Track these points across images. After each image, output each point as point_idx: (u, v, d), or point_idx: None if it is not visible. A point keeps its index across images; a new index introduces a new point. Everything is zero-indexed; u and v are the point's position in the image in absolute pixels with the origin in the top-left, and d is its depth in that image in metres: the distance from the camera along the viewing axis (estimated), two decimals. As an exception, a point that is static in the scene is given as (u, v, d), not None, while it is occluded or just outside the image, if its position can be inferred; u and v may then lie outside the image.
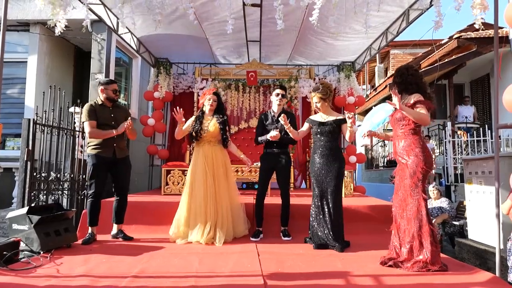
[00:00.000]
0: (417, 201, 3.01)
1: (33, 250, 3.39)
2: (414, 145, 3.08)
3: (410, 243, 3.01)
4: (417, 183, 3.02)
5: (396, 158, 3.25)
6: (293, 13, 5.08)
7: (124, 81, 8.87)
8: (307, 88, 7.05)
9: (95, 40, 7.42)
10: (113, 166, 4.02)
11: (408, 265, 2.97)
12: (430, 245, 2.94)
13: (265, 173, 4.29)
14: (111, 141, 3.95)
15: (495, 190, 3.03)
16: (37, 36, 7.67)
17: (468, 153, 7.71)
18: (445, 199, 5.68)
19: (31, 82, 7.57)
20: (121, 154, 4.05)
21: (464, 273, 2.97)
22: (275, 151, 4.20)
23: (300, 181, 7.71)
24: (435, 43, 9.16)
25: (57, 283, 2.63)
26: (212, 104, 4.21)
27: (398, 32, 5.67)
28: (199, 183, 4.05)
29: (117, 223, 4.12)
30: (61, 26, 3.77)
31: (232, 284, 2.67)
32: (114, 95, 4.04)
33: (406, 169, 3.09)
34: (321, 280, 2.78)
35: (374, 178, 12.85)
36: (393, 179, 4.65)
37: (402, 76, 3.24)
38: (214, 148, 4.19)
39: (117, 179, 4.10)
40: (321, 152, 3.83)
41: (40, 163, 5.23)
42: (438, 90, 10.44)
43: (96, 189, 3.90)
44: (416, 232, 2.98)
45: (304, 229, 4.08)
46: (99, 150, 3.93)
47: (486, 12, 3.12)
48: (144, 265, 3.07)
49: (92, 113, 3.90)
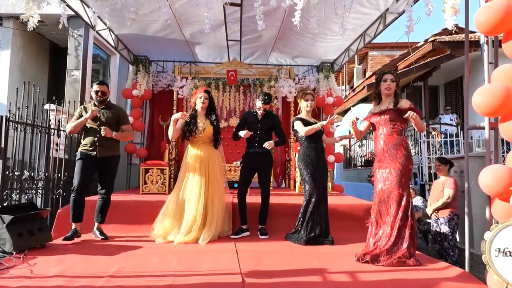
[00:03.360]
0: (407, 195, 3.20)
1: (5, 251, 3.30)
2: (405, 144, 3.30)
3: (395, 236, 3.16)
4: (407, 179, 3.23)
5: (382, 156, 3.33)
6: (273, 12, 5.12)
7: (102, 78, 8.71)
8: (287, 88, 7.11)
9: (71, 36, 7.25)
10: (98, 165, 4.02)
11: (386, 258, 3.10)
12: (410, 238, 3.14)
13: (247, 173, 4.33)
14: (92, 139, 3.96)
15: (466, 188, 3.14)
16: (10, 30, 7.44)
17: (442, 153, 7.94)
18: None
19: (3, 78, 7.33)
20: (105, 153, 4.00)
21: (437, 268, 3.08)
22: (257, 151, 4.23)
23: (280, 180, 7.76)
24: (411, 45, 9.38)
25: (30, 283, 2.57)
26: (204, 102, 4.21)
27: (375, 34, 5.80)
28: (193, 182, 4.04)
29: (96, 221, 4.10)
30: (33, 21, 3.68)
31: (210, 282, 2.68)
32: (96, 96, 4.05)
33: (395, 166, 3.22)
34: (298, 277, 2.81)
35: (352, 177, 13.06)
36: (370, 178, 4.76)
37: (399, 79, 3.49)
38: (209, 148, 4.21)
39: (100, 178, 4.11)
40: (320, 155, 4.03)
41: (13, 162, 5.08)
42: (414, 92, 10.71)
43: (77, 184, 3.89)
44: (403, 225, 3.16)
45: (284, 227, 4.13)
46: (83, 147, 3.99)
47: (457, 15, 3.23)
48: (121, 264, 3.03)
49: (78, 114, 4.04)
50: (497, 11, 2.54)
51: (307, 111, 4.14)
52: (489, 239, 2.46)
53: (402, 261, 3.08)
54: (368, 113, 3.63)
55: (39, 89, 5.45)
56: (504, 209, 2.53)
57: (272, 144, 4.13)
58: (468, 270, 3.03)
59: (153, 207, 4.28)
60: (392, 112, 3.31)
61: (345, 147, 14.31)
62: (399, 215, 3.16)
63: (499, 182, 2.47)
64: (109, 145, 4.05)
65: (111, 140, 4.04)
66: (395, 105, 3.35)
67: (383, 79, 3.44)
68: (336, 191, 6.95)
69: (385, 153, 3.30)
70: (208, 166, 4.12)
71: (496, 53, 2.99)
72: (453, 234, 4.84)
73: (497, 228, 2.46)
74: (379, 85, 3.48)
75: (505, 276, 2.39)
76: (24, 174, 5.18)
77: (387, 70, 3.70)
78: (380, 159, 3.34)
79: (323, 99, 7.53)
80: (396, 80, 3.42)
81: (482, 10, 2.65)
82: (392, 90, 3.41)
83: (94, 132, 3.96)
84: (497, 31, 2.68)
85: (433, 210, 5.01)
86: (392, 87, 3.40)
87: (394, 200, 3.19)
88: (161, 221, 4.06)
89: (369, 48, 14.51)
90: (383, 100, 3.50)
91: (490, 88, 2.60)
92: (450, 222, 4.86)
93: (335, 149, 8.36)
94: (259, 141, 4.21)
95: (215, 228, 4.03)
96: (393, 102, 3.38)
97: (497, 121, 2.79)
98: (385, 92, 3.44)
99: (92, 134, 3.97)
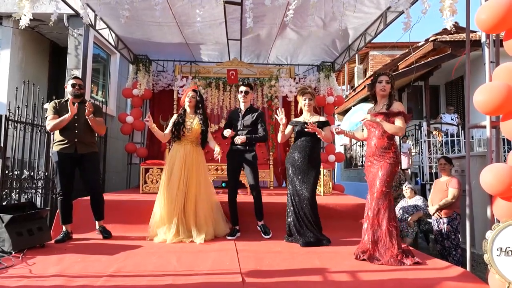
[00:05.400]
0: (389, 196, 3.26)
1: (4, 250, 3.29)
2: (394, 147, 3.33)
3: (379, 234, 3.21)
4: (392, 179, 3.30)
5: (371, 157, 3.39)
6: (272, 10, 5.10)
7: (102, 78, 8.69)
8: (287, 88, 7.08)
9: (71, 35, 7.23)
10: (79, 163, 3.92)
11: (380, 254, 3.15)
12: (396, 237, 3.19)
13: (232, 171, 4.29)
14: (71, 136, 3.85)
15: (467, 187, 3.12)
16: (10, 29, 7.42)
17: (442, 153, 7.93)
18: (420, 197, 5.81)
19: (3, 77, 7.31)
20: (84, 150, 3.91)
21: (438, 268, 3.07)
22: (240, 148, 4.19)
23: (281, 180, 7.75)
24: (412, 45, 9.38)
25: (29, 283, 2.56)
26: (191, 101, 4.21)
27: (376, 33, 5.78)
28: (174, 182, 4.02)
29: (96, 219, 4.08)
30: (26, 19, 3.67)
31: (210, 282, 2.67)
32: (73, 90, 3.93)
33: (383, 165, 3.27)
34: (299, 277, 2.80)
35: (353, 177, 13.04)
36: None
37: (394, 81, 3.47)
38: (195, 148, 4.20)
39: (83, 177, 4.01)
40: (303, 153, 3.91)
41: (12, 161, 5.07)
42: (414, 91, 10.70)
43: (61, 187, 3.84)
44: (386, 224, 3.20)
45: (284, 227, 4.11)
46: (60, 146, 3.85)
47: (454, 15, 3.23)
48: (121, 264, 3.02)
49: (53, 109, 3.87)
50: (499, 8, 2.53)
51: (305, 109, 4.11)
52: (490, 238, 2.45)
53: (399, 261, 3.09)
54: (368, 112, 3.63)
55: (38, 88, 5.44)
56: (506, 208, 2.52)
57: (243, 139, 4.04)
58: (469, 269, 3.02)
59: (153, 207, 4.25)
60: (383, 116, 3.33)
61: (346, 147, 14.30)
62: (385, 213, 3.20)
63: (501, 181, 2.46)
64: (88, 141, 3.97)
65: (89, 136, 3.98)
66: (388, 108, 3.39)
67: (378, 80, 3.47)
68: (337, 191, 6.93)
69: (374, 155, 3.37)
70: (193, 165, 4.10)
71: (497, 51, 2.97)
72: (456, 233, 4.82)
73: (499, 227, 2.45)
74: (374, 86, 3.52)
75: (506, 276, 2.37)
76: (24, 173, 5.17)
77: (382, 72, 3.72)
78: (369, 160, 3.42)
79: (324, 99, 7.52)
80: (391, 82, 3.44)
81: (484, 8, 2.64)
82: (387, 92, 3.43)
83: (71, 127, 3.83)
84: (498, 29, 2.67)
85: (436, 210, 4.99)
86: (387, 88, 3.42)
87: (376, 196, 3.25)
88: (152, 224, 4.06)
89: (370, 47, 14.49)
90: (378, 101, 3.54)
91: (491, 87, 2.58)
92: (453, 221, 4.84)
93: (336, 148, 8.34)
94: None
95: (208, 227, 4.02)
96: (386, 105, 3.41)
97: (498, 120, 2.77)
98: (380, 93, 3.48)
99: (69, 130, 3.83)
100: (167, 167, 4.14)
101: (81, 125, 3.89)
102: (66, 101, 3.94)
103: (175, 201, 3.97)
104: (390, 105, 3.38)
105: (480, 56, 3.18)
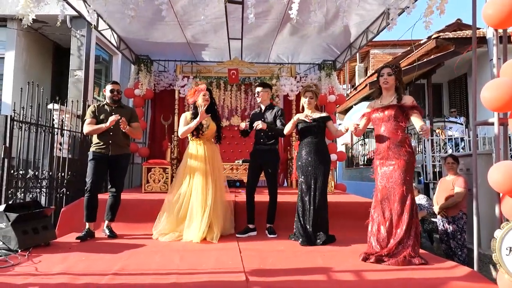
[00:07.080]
0: (411, 193, 3.16)
1: (10, 248, 3.30)
2: (409, 141, 3.25)
3: (401, 235, 3.08)
4: (411, 176, 3.20)
5: (385, 153, 3.24)
6: (274, 7, 5.09)
7: (104, 79, 8.71)
8: (289, 86, 7.07)
9: (74, 36, 7.26)
10: (111, 164, 4.08)
11: (391, 257, 3.04)
12: (415, 237, 3.08)
13: (253, 170, 4.32)
14: (106, 138, 4.03)
15: (474, 186, 3.08)
16: (14, 31, 7.45)
17: (446, 151, 7.89)
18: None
19: (8, 78, 7.36)
20: (116, 151, 4.08)
21: (444, 268, 3.02)
22: (263, 147, 4.22)
23: (282, 179, 7.73)
24: (414, 43, 9.32)
25: (35, 281, 2.56)
26: (208, 100, 4.20)
27: (378, 31, 5.75)
28: (197, 181, 4.02)
29: (106, 219, 4.14)
30: (28, 19, 3.70)
31: (214, 280, 2.66)
32: (111, 95, 4.13)
33: (399, 163, 3.15)
34: (302, 276, 2.78)
35: (354, 176, 13.02)
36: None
37: (400, 73, 3.38)
38: (212, 146, 4.24)
39: (111, 177, 4.18)
40: (308, 149, 3.90)
41: (17, 161, 5.10)
42: (417, 89, 10.65)
43: (90, 185, 3.97)
44: (409, 223, 3.09)
45: (288, 226, 4.10)
46: (96, 147, 4.05)
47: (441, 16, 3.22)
48: (125, 262, 3.03)
49: (92, 114, 4.08)
50: (506, 3, 2.48)
51: (306, 107, 4.08)
52: (499, 237, 2.39)
53: (407, 260, 3.01)
54: (368, 107, 3.56)
55: (42, 89, 5.45)
56: (515, 206, 2.47)
57: (264, 125, 4.02)
58: (477, 269, 2.99)
59: (155, 206, 4.27)
60: (396, 108, 3.23)
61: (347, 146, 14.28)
62: (405, 214, 3.09)
63: (509, 179, 2.39)
64: (122, 143, 4.15)
65: (123, 139, 4.13)
66: (398, 101, 3.29)
67: (381, 73, 3.40)
68: (339, 190, 6.91)
69: (389, 150, 3.22)
70: (212, 163, 4.13)
71: (505, 47, 2.93)
72: (462, 233, 4.77)
73: (507, 226, 2.39)
74: (378, 80, 3.45)
75: (516, 276, 2.32)
76: (29, 173, 5.20)
77: (385, 64, 3.65)
78: (383, 156, 3.26)
79: (325, 97, 7.49)
80: (394, 74, 3.33)
81: (491, 3, 2.60)
82: (390, 84, 3.34)
83: (108, 130, 4.02)
84: (506, 24, 2.62)
85: (441, 209, 4.92)
86: (390, 80, 3.33)
87: (398, 197, 3.12)
88: (164, 219, 4.05)
89: (371, 46, 14.45)
90: (383, 95, 3.44)
91: (499, 83, 2.53)
92: (459, 221, 4.78)
93: (337, 147, 8.32)
94: (263, 136, 4.22)
95: (221, 226, 4.03)
96: (396, 98, 3.32)
97: (506, 117, 2.71)
98: (383, 86, 3.39)
99: (106, 133, 4.03)
100: (187, 166, 4.13)
101: (116, 130, 4.04)
102: (103, 105, 4.16)
103: (205, 199, 3.96)
104: (400, 99, 3.29)
105: (484, 53, 3.17)
